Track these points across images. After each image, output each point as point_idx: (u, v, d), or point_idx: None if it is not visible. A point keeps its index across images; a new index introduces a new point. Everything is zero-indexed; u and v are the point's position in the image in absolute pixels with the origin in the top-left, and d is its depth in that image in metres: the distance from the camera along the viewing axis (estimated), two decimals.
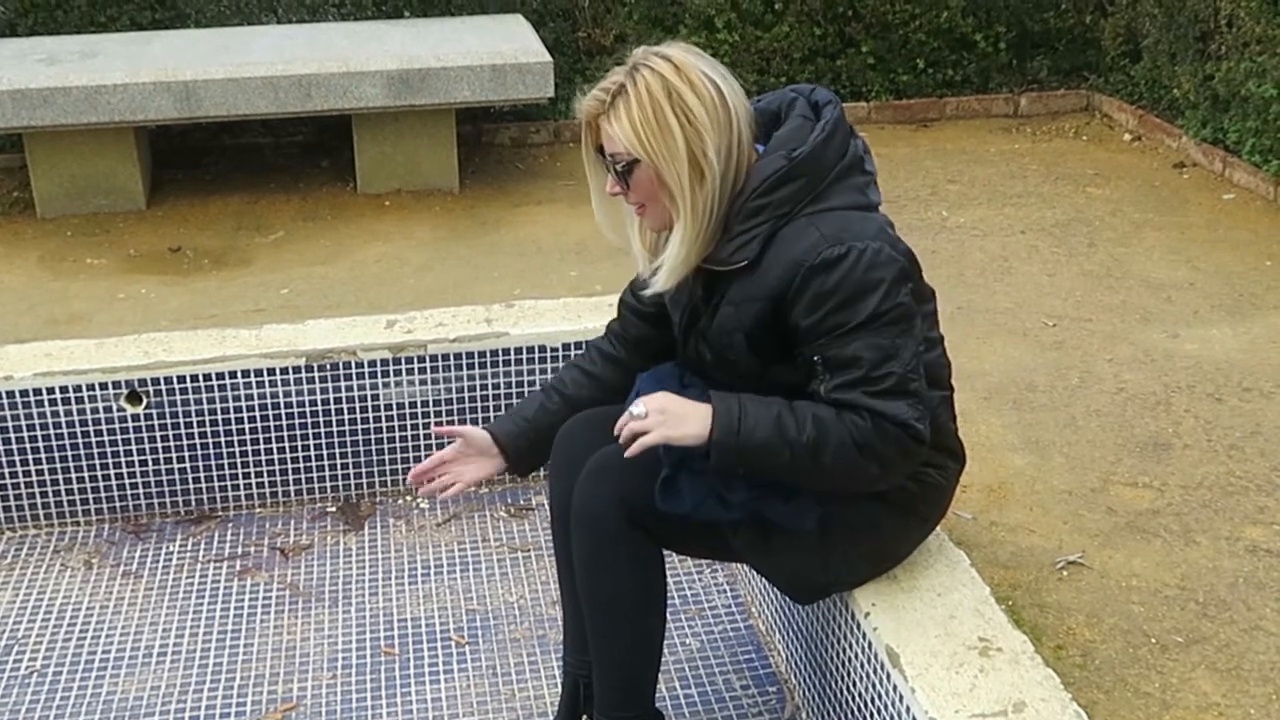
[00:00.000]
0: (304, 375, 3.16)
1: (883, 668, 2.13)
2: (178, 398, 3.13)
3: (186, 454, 3.18)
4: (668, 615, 2.27)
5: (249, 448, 3.20)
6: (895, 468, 2.04)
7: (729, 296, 2.08)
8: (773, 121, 2.13)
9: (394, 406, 3.22)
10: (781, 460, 1.99)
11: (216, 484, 3.23)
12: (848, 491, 2.11)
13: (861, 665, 2.23)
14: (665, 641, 2.29)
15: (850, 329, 1.98)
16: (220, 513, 3.26)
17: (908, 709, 2.04)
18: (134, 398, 3.12)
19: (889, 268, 1.98)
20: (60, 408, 3.09)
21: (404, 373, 3.20)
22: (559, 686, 2.47)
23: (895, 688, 2.08)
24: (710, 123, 2.00)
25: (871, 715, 2.20)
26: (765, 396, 2.03)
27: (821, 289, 1.97)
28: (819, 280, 1.97)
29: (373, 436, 3.25)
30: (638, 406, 2.03)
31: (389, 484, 3.30)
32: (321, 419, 3.21)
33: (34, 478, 3.15)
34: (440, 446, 2.70)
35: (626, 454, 2.03)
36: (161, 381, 3.11)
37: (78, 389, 3.08)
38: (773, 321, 2.04)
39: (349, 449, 3.25)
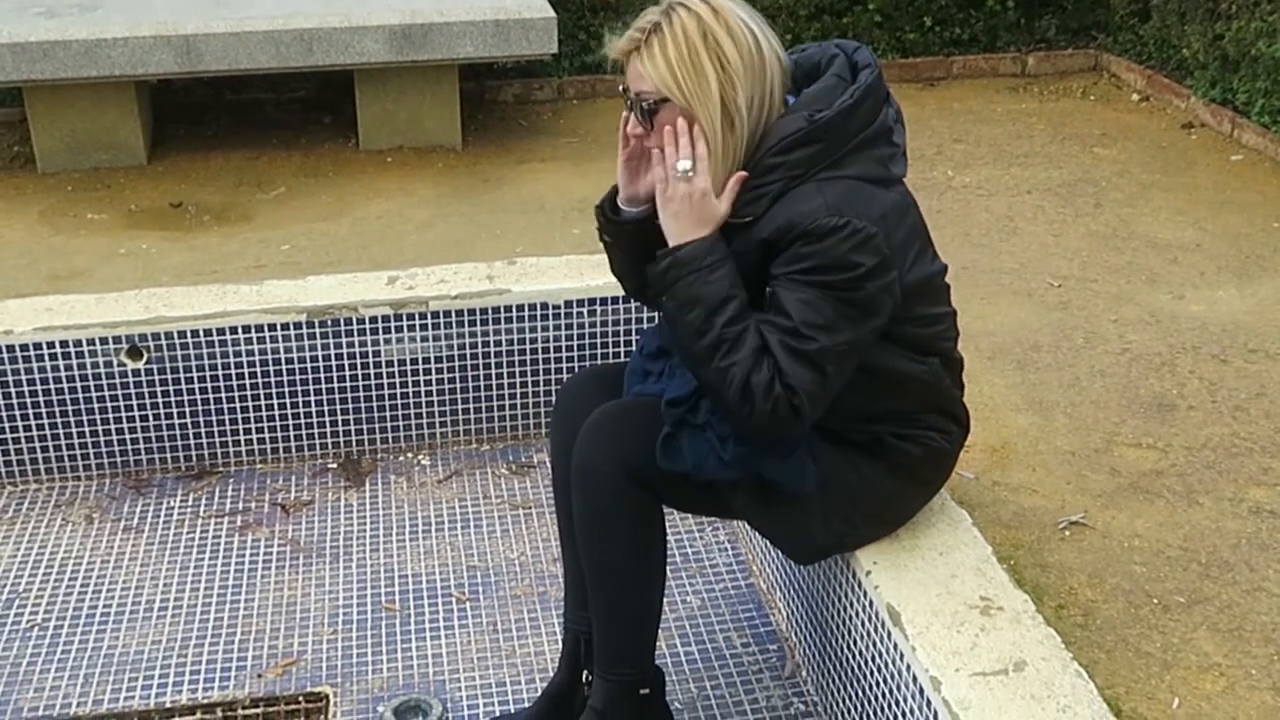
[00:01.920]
0: (305, 331, 3.15)
1: (883, 626, 2.12)
2: (178, 353, 3.12)
3: (187, 409, 3.18)
4: (668, 573, 2.27)
5: (250, 404, 3.20)
6: (760, 424, 1.99)
7: (732, 247, 2.06)
8: (812, 73, 2.10)
9: (395, 363, 3.21)
10: (690, 322, 1.99)
11: (217, 440, 3.23)
12: (708, 394, 2.07)
13: (862, 623, 2.22)
14: (666, 599, 2.30)
15: (807, 282, 1.95)
16: (221, 468, 3.25)
17: (908, 667, 2.04)
18: (134, 353, 3.11)
19: (874, 257, 1.95)
20: (61, 363, 3.08)
21: (405, 329, 3.18)
22: (559, 643, 2.48)
23: (896, 646, 2.08)
24: (745, 70, 1.99)
25: (872, 673, 2.20)
26: (743, 289, 2.01)
27: (803, 249, 1.95)
28: (805, 242, 1.95)
29: (374, 393, 3.24)
30: (684, 163, 2.00)
31: (390, 440, 3.30)
32: (323, 375, 3.20)
33: (34, 433, 3.14)
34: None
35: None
36: (162, 337, 3.10)
37: (78, 344, 3.07)
38: (762, 270, 2.02)
39: (350, 405, 3.24)
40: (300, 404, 3.22)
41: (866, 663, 2.22)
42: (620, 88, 2.10)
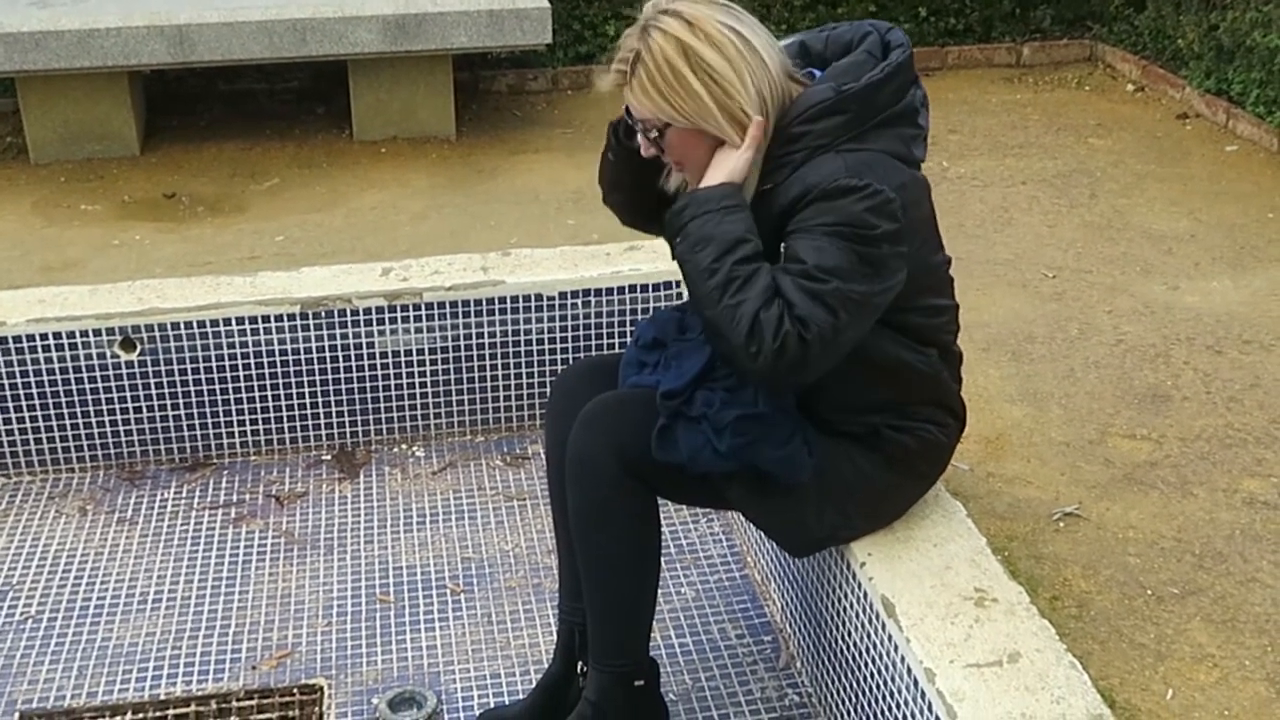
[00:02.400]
0: (299, 323, 3.14)
1: (878, 617, 2.12)
2: (172, 345, 3.11)
3: (181, 401, 3.17)
4: (663, 564, 2.27)
5: (244, 395, 3.19)
6: (766, 366, 1.92)
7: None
8: (843, 51, 2.10)
9: (389, 355, 3.21)
10: (700, 260, 1.95)
11: (211, 431, 3.22)
12: (714, 340, 2.02)
13: (857, 615, 2.22)
14: (660, 590, 2.29)
15: (824, 233, 1.94)
16: (215, 460, 3.25)
17: (902, 659, 2.04)
18: (128, 344, 3.10)
19: (891, 222, 1.95)
20: (54, 354, 3.07)
21: (399, 321, 3.18)
22: (554, 634, 2.47)
23: (890, 637, 2.08)
24: (736, 76, 1.96)
25: (866, 665, 2.20)
26: (759, 239, 1.98)
27: (821, 205, 1.94)
28: (824, 202, 1.94)
29: (368, 385, 3.23)
30: None
31: (384, 432, 3.29)
32: (316, 367, 3.19)
33: (28, 424, 3.13)
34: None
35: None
36: (155, 328, 3.09)
37: (71, 335, 3.06)
38: (780, 239, 2.01)
39: (344, 397, 3.24)
40: (294, 395, 3.22)
41: (861, 654, 2.22)
42: (624, 108, 2.10)
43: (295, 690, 2.52)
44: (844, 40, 2.12)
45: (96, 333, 3.07)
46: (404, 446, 3.31)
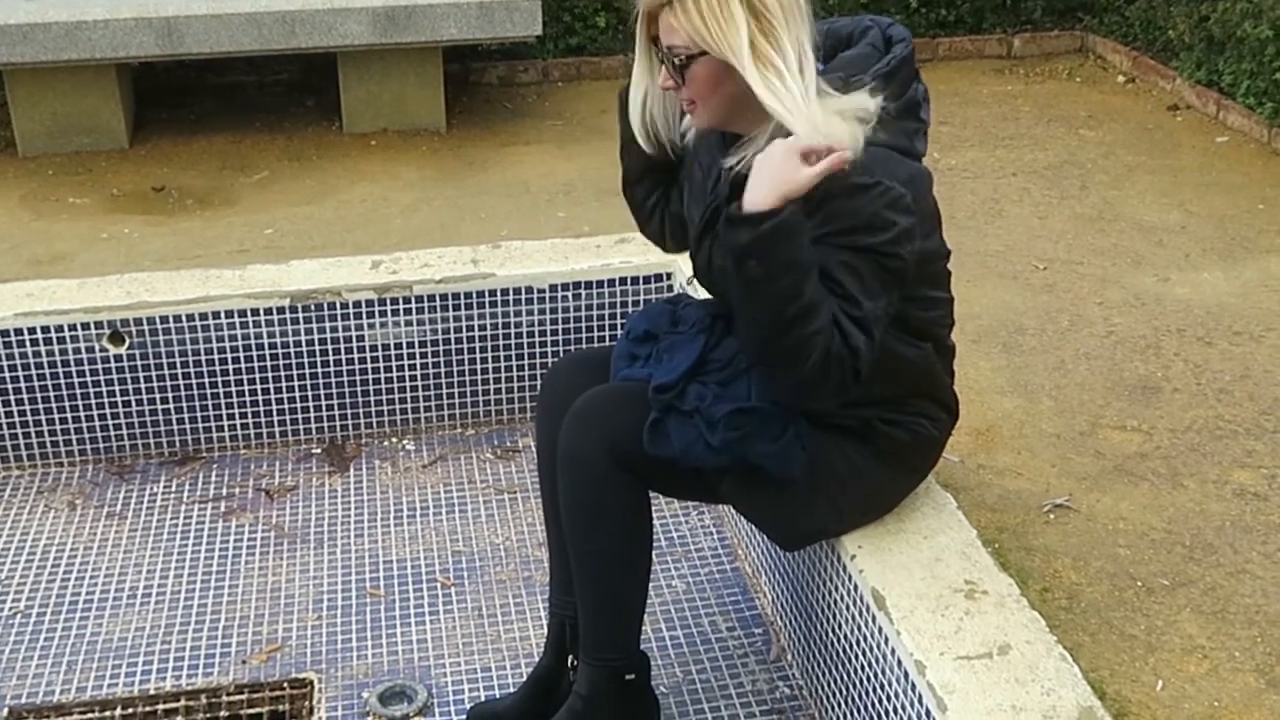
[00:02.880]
0: (288, 316, 3.13)
1: (868, 610, 2.12)
2: (161, 338, 3.10)
3: (170, 395, 3.16)
4: (654, 557, 2.27)
5: (233, 389, 3.18)
6: (823, 393, 1.96)
7: None
8: (842, 45, 2.08)
9: (379, 348, 3.20)
10: (782, 287, 1.89)
11: (201, 425, 3.21)
12: (771, 373, 2.01)
13: (847, 607, 2.22)
14: (651, 583, 2.29)
15: (848, 245, 1.93)
16: (205, 454, 3.24)
17: (893, 651, 2.04)
18: (116, 338, 3.09)
19: (904, 217, 1.94)
20: (42, 348, 3.06)
21: (389, 314, 3.17)
22: (545, 628, 2.47)
23: (881, 629, 2.08)
24: (784, 15, 1.92)
25: (857, 657, 2.20)
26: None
27: (835, 208, 1.93)
28: (838, 202, 1.93)
29: (358, 378, 3.23)
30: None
31: (375, 425, 3.29)
32: (306, 360, 3.18)
33: (16, 418, 3.12)
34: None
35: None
36: (144, 322, 3.08)
37: (60, 329, 3.05)
38: None
39: (334, 390, 3.23)
40: (284, 389, 3.21)
41: (851, 646, 2.22)
42: (642, 33, 2.05)
43: (285, 684, 2.51)
44: (842, 34, 2.10)
45: (85, 326, 3.06)
46: (394, 440, 3.30)
